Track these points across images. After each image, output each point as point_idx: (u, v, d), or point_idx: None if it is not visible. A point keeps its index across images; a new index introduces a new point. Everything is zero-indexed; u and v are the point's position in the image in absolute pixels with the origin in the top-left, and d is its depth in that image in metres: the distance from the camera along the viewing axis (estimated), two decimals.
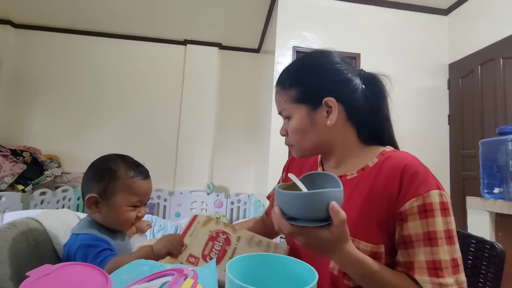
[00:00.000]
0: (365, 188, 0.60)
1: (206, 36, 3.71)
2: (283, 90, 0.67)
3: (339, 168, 0.68)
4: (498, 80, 2.32)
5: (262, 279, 0.42)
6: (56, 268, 0.35)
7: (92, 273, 0.36)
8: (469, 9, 2.67)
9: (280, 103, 0.69)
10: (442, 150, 2.78)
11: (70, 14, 3.31)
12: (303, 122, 0.64)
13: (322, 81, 0.64)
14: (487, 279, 0.67)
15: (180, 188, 3.59)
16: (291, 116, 0.66)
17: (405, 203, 0.55)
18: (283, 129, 0.70)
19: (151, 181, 0.78)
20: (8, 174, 2.81)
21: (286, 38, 2.66)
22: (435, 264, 0.51)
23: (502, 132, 1.59)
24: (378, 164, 0.62)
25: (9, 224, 0.66)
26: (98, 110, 3.64)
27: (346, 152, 0.67)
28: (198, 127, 3.69)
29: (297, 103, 0.65)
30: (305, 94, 0.65)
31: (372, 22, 2.79)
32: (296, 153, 0.70)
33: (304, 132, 0.65)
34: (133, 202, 0.72)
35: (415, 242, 0.53)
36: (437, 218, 0.53)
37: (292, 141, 0.67)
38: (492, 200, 1.53)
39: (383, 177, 0.59)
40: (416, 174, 0.56)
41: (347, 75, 0.65)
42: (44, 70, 3.57)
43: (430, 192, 0.54)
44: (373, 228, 0.57)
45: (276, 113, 0.73)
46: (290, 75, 0.68)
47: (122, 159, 0.75)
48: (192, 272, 0.38)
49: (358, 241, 0.57)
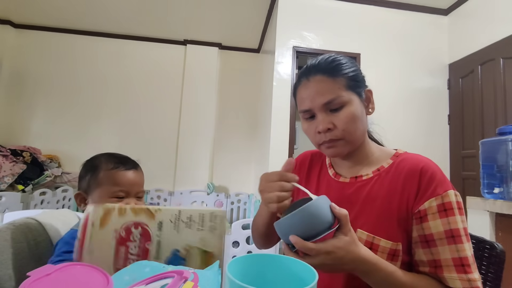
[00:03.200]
0: (383, 188, 0.61)
1: (206, 36, 3.71)
2: (332, 77, 0.63)
3: (355, 168, 0.68)
4: (498, 80, 2.32)
5: (262, 279, 0.42)
6: (57, 268, 0.35)
7: (93, 273, 0.36)
8: (469, 9, 2.67)
9: (330, 91, 0.62)
10: (442, 150, 2.78)
11: (70, 14, 3.31)
12: (359, 109, 0.63)
13: (359, 73, 0.66)
14: (487, 279, 0.67)
15: (180, 188, 3.58)
16: (345, 103, 0.62)
17: (424, 203, 0.56)
18: (328, 121, 0.62)
19: (141, 174, 0.77)
20: (8, 174, 2.81)
21: (286, 38, 2.66)
22: (462, 261, 0.52)
23: (502, 132, 1.59)
24: (393, 165, 0.64)
25: (9, 224, 0.66)
26: (98, 110, 3.64)
27: (365, 150, 0.68)
28: (198, 127, 3.69)
29: (349, 90, 0.63)
30: (353, 82, 0.64)
31: (372, 22, 2.79)
32: (344, 148, 0.64)
33: (359, 120, 0.63)
34: (115, 193, 0.70)
35: (438, 241, 0.54)
36: (456, 216, 0.54)
37: (345, 132, 0.62)
38: (492, 200, 1.53)
39: (401, 178, 0.60)
40: (434, 175, 0.58)
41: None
42: (44, 70, 3.57)
43: (448, 192, 0.56)
44: (393, 226, 0.58)
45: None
46: (333, 63, 0.65)
47: (108, 155, 0.76)
48: (193, 275, 0.38)
49: (379, 239, 0.58)
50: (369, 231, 0.58)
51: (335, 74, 0.63)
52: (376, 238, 0.58)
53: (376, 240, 0.57)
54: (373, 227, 0.57)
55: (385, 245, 0.57)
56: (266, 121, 2.88)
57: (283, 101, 2.54)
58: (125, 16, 3.32)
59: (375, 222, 0.59)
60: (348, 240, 0.49)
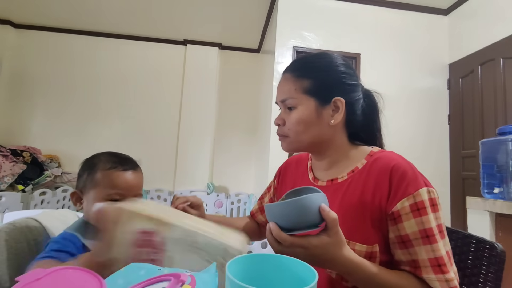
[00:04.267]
0: (357, 190, 0.61)
1: (206, 36, 3.71)
2: (295, 78, 0.66)
3: (330, 171, 0.69)
4: (498, 80, 2.32)
5: (262, 279, 0.42)
6: (48, 272, 0.33)
7: (85, 277, 0.34)
8: (469, 9, 2.67)
9: (287, 91, 0.67)
10: (442, 150, 2.77)
11: (70, 14, 3.31)
12: (309, 115, 0.64)
13: (337, 80, 0.65)
14: (487, 279, 0.67)
15: (180, 188, 3.58)
16: (296, 106, 0.65)
17: (396, 203, 0.56)
18: (280, 118, 0.68)
19: (140, 175, 0.72)
20: (8, 174, 2.81)
21: (286, 38, 2.66)
22: (438, 261, 0.53)
23: (502, 132, 1.59)
24: (367, 165, 0.63)
25: (9, 224, 0.66)
26: (98, 110, 3.64)
27: (339, 153, 0.68)
28: (198, 127, 3.69)
29: (308, 94, 0.64)
30: (318, 87, 0.64)
31: (372, 22, 2.79)
32: (289, 145, 0.68)
33: (307, 125, 0.64)
34: (110, 195, 0.66)
35: (414, 241, 0.54)
36: (429, 215, 0.54)
37: (291, 132, 0.66)
38: (492, 200, 1.53)
39: (373, 178, 0.60)
40: (405, 174, 0.57)
41: (357, 82, 0.69)
42: (44, 70, 3.57)
43: (419, 191, 0.55)
44: (368, 229, 0.58)
45: (276, 112, 0.72)
46: (307, 65, 0.67)
47: (108, 154, 0.72)
48: (190, 278, 0.37)
49: (354, 243, 0.58)
50: (344, 236, 0.54)
51: (299, 75, 0.66)
52: (351, 242, 0.57)
53: (351, 244, 0.57)
54: (348, 232, 0.56)
55: (360, 249, 0.57)
56: (266, 121, 2.88)
57: None
58: (126, 16, 3.32)
59: (350, 226, 0.58)
60: (329, 241, 0.49)
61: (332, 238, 0.49)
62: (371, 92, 0.73)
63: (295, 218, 0.48)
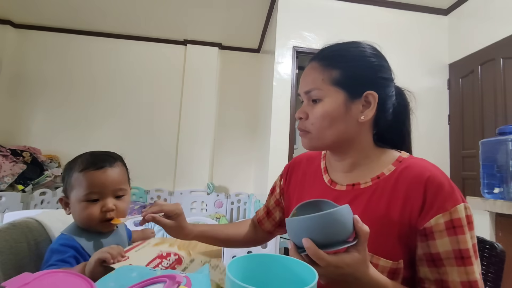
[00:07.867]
0: (383, 200, 0.56)
1: (206, 36, 3.71)
2: (323, 67, 0.59)
3: (352, 173, 0.62)
4: (498, 80, 2.32)
5: (262, 279, 0.42)
6: (36, 276, 0.32)
7: (76, 281, 0.33)
8: (469, 9, 2.67)
9: (312, 81, 0.60)
10: (442, 150, 2.77)
11: (70, 14, 3.31)
12: (337, 109, 0.57)
13: (370, 72, 0.59)
14: (487, 279, 0.67)
15: (180, 188, 3.58)
16: (322, 98, 0.58)
17: (430, 219, 0.51)
18: (303, 111, 0.61)
19: (117, 171, 0.70)
20: (8, 174, 2.81)
21: (286, 38, 2.65)
22: (471, 285, 0.49)
23: (502, 132, 1.59)
24: (395, 172, 0.57)
25: (9, 224, 0.66)
26: (98, 110, 3.64)
27: (362, 154, 0.61)
28: (198, 127, 3.69)
29: (336, 86, 0.58)
30: (349, 79, 0.58)
31: (372, 22, 2.79)
32: (310, 142, 0.61)
33: (334, 120, 0.57)
34: (87, 196, 0.65)
35: (445, 260, 0.50)
36: (466, 234, 0.50)
37: (314, 127, 0.59)
38: (492, 200, 1.53)
39: (403, 189, 0.54)
40: (441, 187, 0.51)
41: (391, 77, 0.63)
42: (44, 70, 3.57)
43: (457, 207, 0.50)
44: (394, 244, 0.53)
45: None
46: (337, 53, 0.61)
47: (85, 154, 0.71)
48: (185, 279, 0.37)
49: (378, 258, 0.53)
50: (368, 249, 0.49)
51: (328, 65, 0.59)
52: (375, 257, 0.52)
53: (375, 259, 0.52)
54: (372, 245, 0.49)
55: (385, 265, 0.52)
56: (266, 121, 2.88)
57: (283, 101, 2.53)
58: (126, 16, 3.32)
59: (373, 239, 0.51)
60: (360, 258, 0.44)
61: (361, 255, 0.44)
62: (403, 90, 0.67)
63: (328, 233, 0.43)
